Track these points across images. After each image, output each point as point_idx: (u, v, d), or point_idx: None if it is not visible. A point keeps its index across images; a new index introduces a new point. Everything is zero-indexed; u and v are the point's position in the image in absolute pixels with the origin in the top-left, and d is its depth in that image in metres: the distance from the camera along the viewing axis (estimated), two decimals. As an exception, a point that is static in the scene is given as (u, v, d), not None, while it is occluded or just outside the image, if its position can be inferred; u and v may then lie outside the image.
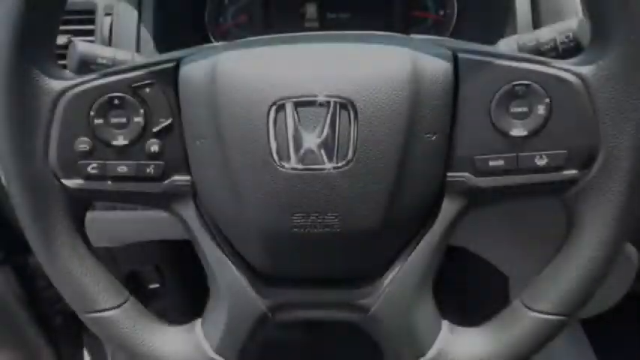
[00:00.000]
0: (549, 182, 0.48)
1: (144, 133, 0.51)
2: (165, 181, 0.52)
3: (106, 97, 0.51)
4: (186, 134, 0.51)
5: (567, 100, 0.47)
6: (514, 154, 0.48)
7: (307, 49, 0.51)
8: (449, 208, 0.51)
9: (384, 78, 0.47)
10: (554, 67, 0.47)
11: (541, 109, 0.47)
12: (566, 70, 0.47)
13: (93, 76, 0.52)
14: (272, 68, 0.48)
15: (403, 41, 0.52)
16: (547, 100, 0.47)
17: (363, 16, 0.99)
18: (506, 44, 0.62)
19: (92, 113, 0.51)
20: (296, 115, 0.47)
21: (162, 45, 0.85)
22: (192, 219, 0.54)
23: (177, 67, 0.52)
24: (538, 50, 0.59)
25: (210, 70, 0.49)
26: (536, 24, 0.76)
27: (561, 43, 0.57)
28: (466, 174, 0.50)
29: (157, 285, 1.28)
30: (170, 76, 0.51)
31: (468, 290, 1.20)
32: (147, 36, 0.84)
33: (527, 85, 0.47)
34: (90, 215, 0.56)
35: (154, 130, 0.51)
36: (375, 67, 0.48)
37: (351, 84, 0.47)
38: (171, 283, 1.23)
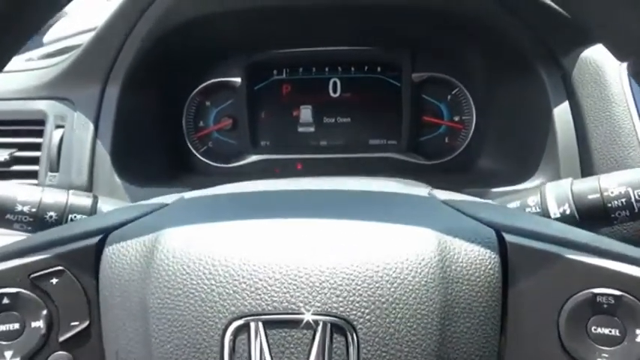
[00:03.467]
0: None
1: (45, 343, 0.37)
2: None
3: None
4: (107, 346, 0.37)
5: None
6: None
7: (285, 232, 0.36)
8: None
9: (398, 283, 0.33)
10: None
11: None
12: None
13: None
14: (232, 264, 0.34)
15: (423, 211, 0.37)
16: None
17: (365, 122, 0.86)
18: (555, 192, 0.48)
19: None
20: (266, 342, 0.33)
21: (121, 160, 0.70)
22: None
23: (100, 245, 0.37)
24: (603, 206, 0.45)
25: (144, 256, 0.36)
26: (584, 150, 0.61)
27: (638, 200, 0.42)
28: None
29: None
30: (90, 259, 0.38)
31: None
32: (103, 152, 0.69)
33: (616, 296, 0.34)
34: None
35: (62, 338, 0.37)
36: (384, 264, 0.34)
37: (348, 294, 0.33)
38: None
